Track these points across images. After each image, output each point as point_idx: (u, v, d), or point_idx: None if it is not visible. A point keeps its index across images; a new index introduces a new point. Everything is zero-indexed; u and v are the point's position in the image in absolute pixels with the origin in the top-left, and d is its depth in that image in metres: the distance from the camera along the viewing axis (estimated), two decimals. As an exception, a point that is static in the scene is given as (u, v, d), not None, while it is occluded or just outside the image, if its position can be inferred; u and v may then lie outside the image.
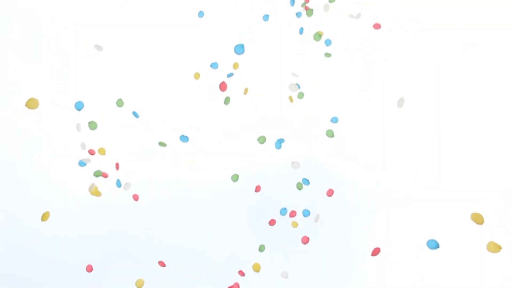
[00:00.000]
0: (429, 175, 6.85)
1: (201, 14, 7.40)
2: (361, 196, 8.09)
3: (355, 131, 7.75)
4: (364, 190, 7.73)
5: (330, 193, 7.73)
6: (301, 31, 7.31)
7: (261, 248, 7.96)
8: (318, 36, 7.03)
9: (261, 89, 7.35)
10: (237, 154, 8.79)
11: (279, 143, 8.12)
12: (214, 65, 7.73)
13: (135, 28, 8.81)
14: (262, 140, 7.78)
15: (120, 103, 8.62)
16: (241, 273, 8.37)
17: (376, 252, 7.01)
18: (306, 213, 7.76)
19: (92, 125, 7.86)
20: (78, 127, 7.77)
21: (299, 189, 7.86)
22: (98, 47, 8.15)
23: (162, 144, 7.91)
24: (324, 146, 8.03)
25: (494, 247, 5.70)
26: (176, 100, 8.75)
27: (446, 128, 7.54)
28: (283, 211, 8.02)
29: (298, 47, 7.49)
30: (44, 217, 7.14)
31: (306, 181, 7.71)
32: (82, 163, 7.63)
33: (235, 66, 7.30)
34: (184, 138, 7.75)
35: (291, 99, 7.45)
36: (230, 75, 7.17)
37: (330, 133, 7.00)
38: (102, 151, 7.79)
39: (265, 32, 8.27)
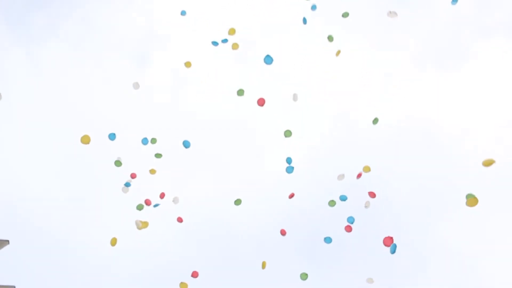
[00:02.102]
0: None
1: (183, 12, 7.45)
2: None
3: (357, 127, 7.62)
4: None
5: (372, 195, 7.55)
6: (305, 21, 7.18)
7: (303, 277, 7.82)
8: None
9: (262, 87, 7.29)
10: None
11: (291, 168, 8.03)
12: (218, 43, 7.61)
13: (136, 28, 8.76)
14: (288, 134, 7.69)
15: (154, 143, 8.70)
16: None
17: (388, 241, 6.78)
18: (350, 219, 7.59)
19: (117, 163, 8.11)
20: (119, 161, 8.07)
21: (331, 206, 7.72)
22: (135, 85, 8.28)
23: (158, 155, 7.92)
24: (326, 142, 7.87)
25: (488, 163, 5.58)
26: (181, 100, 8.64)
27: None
28: (327, 240, 7.92)
29: (301, 44, 7.44)
30: (113, 242, 7.60)
31: (344, 197, 7.58)
32: (127, 184, 7.92)
33: (231, 31, 7.25)
34: (186, 143, 7.73)
35: (338, 52, 7.29)
36: (224, 41, 7.13)
37: None
38: (152, 171, 8.07)
39: (266, 31, 8.20)
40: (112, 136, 8.23)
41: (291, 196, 8.00)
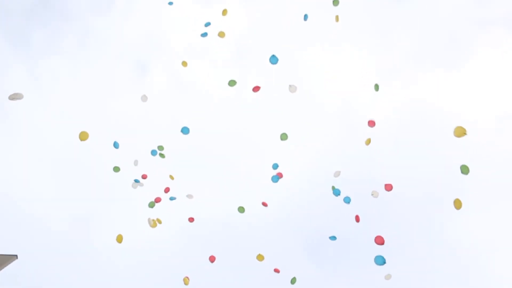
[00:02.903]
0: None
1: (170, 3, 7.54)
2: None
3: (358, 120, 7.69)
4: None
5: (389, 187, 7.60)
6: (306, 17, 7.26)
7: (293, 281, 7.95)
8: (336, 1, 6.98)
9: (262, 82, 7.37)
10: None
11: (276, 177, 8.16)
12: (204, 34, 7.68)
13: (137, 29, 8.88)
14: (284, 137, 7.81)
15: (162, 150, 8.88)
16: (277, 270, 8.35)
17: (380, 240, 6.85)
18: (347, 199, 7.67)
19: (116, 169, 8.31)
20: (135, 163, 8.33)
21: (334, 193, 7.81)
22: (143, 98, 8.45)
23: (162, 155, 8.06)
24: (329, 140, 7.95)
25: (460, 132, 5.62)
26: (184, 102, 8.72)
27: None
28: (332, 238, 8.06)
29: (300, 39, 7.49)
30: (119, 239, 7.82)
31: (337, 191, 7.66)
32: (136, 180, 8.15)
33: (224, 12, 7.30)
34: (185, 130, 7.82)
35: (337, 18, 7.29)
36: (207, 24, 7.17)
37: (465, 169, 6.78)
38: (171, 177, 8.29)
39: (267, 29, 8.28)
40: (116, 145, 8.61)
41: (264, 205, 8.30)
